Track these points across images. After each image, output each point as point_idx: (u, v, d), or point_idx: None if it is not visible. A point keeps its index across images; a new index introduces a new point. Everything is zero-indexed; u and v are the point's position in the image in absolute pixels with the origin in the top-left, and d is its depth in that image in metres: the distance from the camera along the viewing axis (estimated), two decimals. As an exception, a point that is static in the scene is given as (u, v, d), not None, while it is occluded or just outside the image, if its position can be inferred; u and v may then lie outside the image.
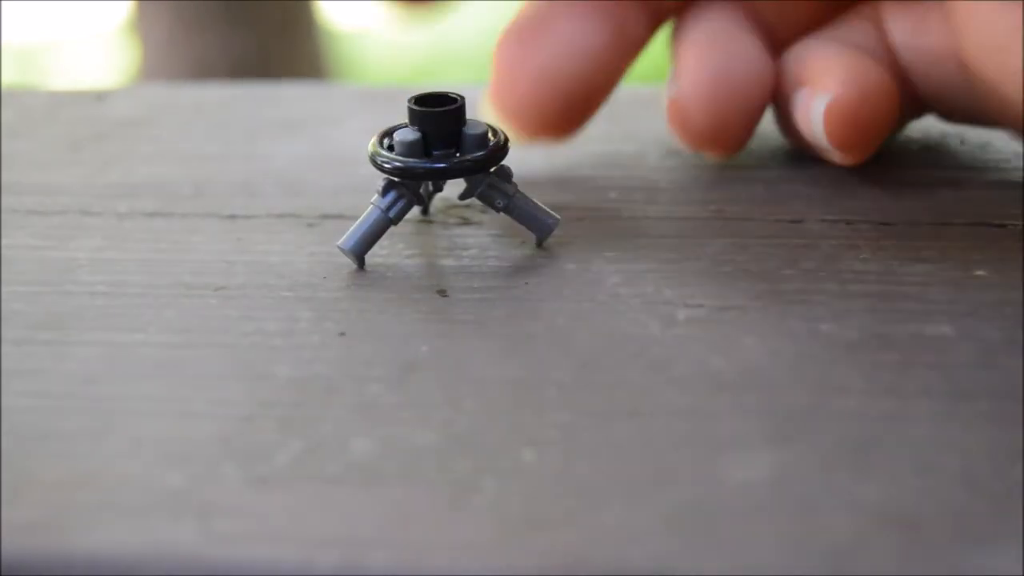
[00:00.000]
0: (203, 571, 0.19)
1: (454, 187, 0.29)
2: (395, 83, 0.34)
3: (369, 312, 0.26)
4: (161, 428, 0.22)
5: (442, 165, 0.27)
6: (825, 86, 0.29)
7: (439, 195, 0.30)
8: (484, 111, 0.30)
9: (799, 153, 0.32)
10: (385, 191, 0.28)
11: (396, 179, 0.28)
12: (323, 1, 2.06)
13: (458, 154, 0.27)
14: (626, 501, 0.20)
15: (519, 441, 0.21)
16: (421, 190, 0.29)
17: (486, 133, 0.28)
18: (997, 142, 0.34)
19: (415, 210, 0.29)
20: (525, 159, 0.30)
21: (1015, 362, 0.23)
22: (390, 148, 0.28)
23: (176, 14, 1.83)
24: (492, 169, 0.28)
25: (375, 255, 0.28)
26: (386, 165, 0.27)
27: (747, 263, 0.27)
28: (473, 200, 0.29)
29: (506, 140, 0.28)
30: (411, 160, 0.27)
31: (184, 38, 1.83)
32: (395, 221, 0.28)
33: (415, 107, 0.28)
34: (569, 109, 0.30)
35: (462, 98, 0.28)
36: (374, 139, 0.28)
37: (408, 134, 0.27)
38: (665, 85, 0.31)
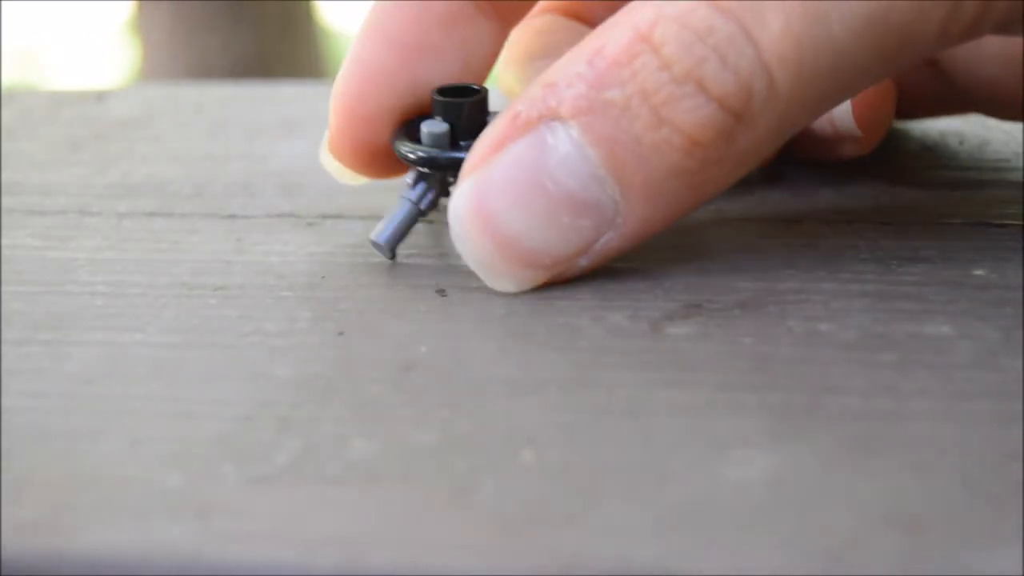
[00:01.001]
0: (202, 571, 0.19)
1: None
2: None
3: (368, 312, 0.26)
4: (160, 428, 0.22)
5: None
6: None
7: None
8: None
9: (797, 154, 0.32)
10: (415, 183, 0.28)
11: (426, 171, 0.28)
12: (323, 1, 2.06)
13: None
14: (625, 501, 0.20)
15: (518, 441, 0.21)
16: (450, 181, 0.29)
17: None
18: (997, 142, 0.34)
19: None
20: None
21: (1014, 362, 0.23)
22: (413, 141, 0.28)
23: (177, 14, 1.83)
24: None
25: (375, 255, 0.28)
26: (412, 156, 0.27)
27: (746, 263, 0.27)
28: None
29: None
30: (442, 151, 0.27)
31: (185, 38, 1.84)
32: (425, 212, 0.28)
33: (441, 98, 0.28)
34: (365, 129, 0.29)
35: (485, 89, 0.28)
36: (395, 132, 0.28)
37: (436, 125, 0.27)
38: None
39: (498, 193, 0.25)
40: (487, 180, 0.25)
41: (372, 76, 0.28)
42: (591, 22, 0.32)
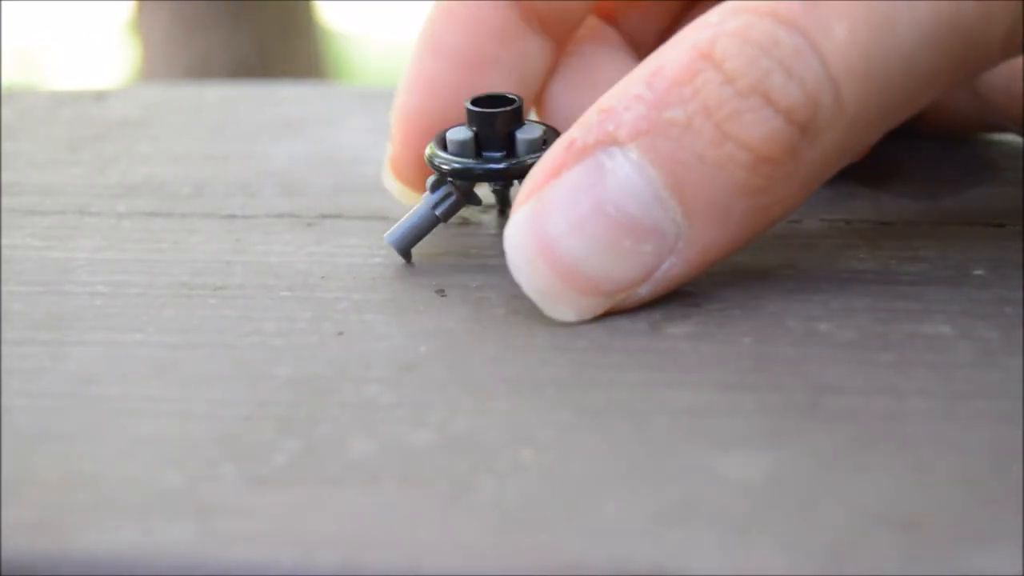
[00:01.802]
0: (202, 571, 0.19)
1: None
2: (394, 84, 0.34)
3: (367, 312, 0.26)
4: (160, 428, 0.22)
5: (498, 166, 0.27)
6: None
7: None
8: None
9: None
10: (434, 188, 0.28)
11: (447, 177, 0.28)
12: (323, 1, 2.06)
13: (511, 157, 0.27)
14: (624, 501, 0.20)
15: (517, 441, 0.21)
16: (476, 190, 0.28)
17: (541, 137, 0.27)
18: (997, 142, 0.34)
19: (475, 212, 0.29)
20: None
21: (1014, 361, 0.23)
22: (444, 148, 0.28)
23: (176, 14, 1.83)
24: None
25: (375, 255, 0.28)
26: (444, 166, 0.27)
27: (746, 263, 0.27)
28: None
29: None
30: (465, 160, 0.27)
31: (184, 38, 1.84)
32: (443, 219, 0.28)
33: (472, 107, 0.27)
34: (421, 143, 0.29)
35: (520, 99, 0.28)
36: (432, 140, 0.28)
37: (461, 133, 0.27)
38: None
39: (556, 220, 0.24)
40: (544, 207, 0.24)
41: (433, 91, 0.29)
42: (620, 22, 0.32)
